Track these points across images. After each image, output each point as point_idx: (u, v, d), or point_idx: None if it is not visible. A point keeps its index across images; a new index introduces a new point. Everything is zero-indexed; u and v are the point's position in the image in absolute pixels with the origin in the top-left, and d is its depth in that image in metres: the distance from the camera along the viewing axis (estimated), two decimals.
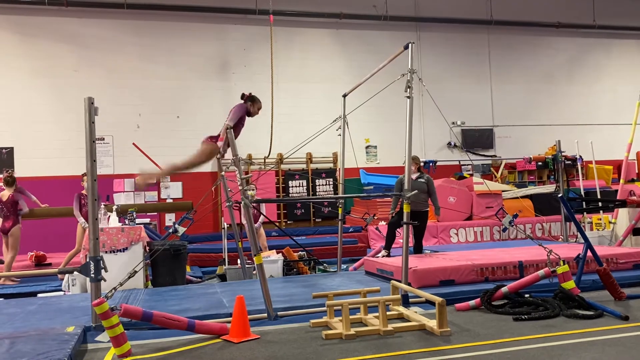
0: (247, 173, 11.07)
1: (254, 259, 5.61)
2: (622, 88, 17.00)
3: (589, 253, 6.06)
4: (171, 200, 13.35)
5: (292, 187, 14.14)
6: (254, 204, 9.20)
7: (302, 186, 14.19)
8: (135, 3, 13.20)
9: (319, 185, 14.26)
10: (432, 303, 4.84)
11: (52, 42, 13.01)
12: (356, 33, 14.93)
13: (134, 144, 13.04)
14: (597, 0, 16.62)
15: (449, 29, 15.68)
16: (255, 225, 9.41)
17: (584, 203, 9.84)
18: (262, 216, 9.71)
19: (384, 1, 14.90)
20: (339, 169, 9.52)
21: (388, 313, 5.02)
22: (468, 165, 15.46)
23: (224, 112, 6.35)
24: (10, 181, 9.19)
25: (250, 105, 6.90)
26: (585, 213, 10.52)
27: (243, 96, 6.99)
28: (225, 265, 9.01)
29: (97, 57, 13.20)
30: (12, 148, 12.64)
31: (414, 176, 8.04)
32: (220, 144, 6.75)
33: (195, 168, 7.15)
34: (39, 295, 7.51)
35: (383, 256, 8.05)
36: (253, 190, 9.89)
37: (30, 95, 12.79)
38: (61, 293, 7.56)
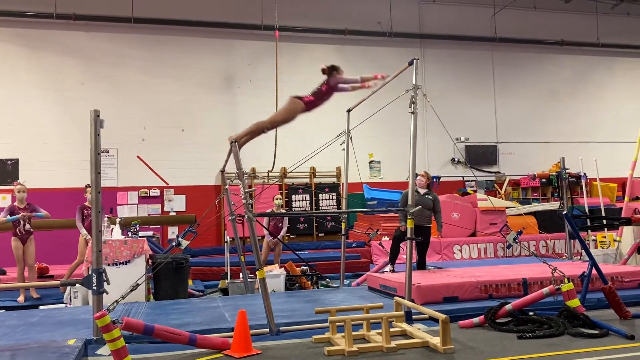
0: (250, 187, 11.10)
1: (257, 273, 5.59)
2: (625, 105, 17.07)
3: (594, 271, 6.03)
4: (174, 213, 13.34)
5: (295, 201, 14.12)
6: (277, 217, 9.26)
7: (306, 200, 14.18)
8: (142, 17, 13.33)
9: (322, 199, 14.24)
10: (436, 320, 4.80)
11: (59, 55, 13.12)
12: (361, 49, 15.01)
13: (138, 157, 13.08)
14: (600, 19, 16.74)
15: (454, 45, 15.76)
16: (278, 237, 9.41)
17: (588, 221, 9.81)
18: (283, 229, 9.67)
19: (388, 18, 15.02)
20: (343, 183, 9.52)
21: (391, 330, 4.98)
22: (472, 181, 15.42)
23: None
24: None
25: (336, 74, 6.97)
26: (589, 231, 10.48)
27: (324, 71, 6.96)
28: (227, 279, 8.97)
29: (103, 70, 13.30)
30: (17, 160, 12.69)
31: (422, 191, 8.04)
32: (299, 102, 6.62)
33: (280, 125, 7.01)
34: (41, 307, 7.50)
35: (388, 271, 8.01)
36: (279, 199, 9.94)
37: (36, 108, 12.87)
38: (63, 305, 7.54)
